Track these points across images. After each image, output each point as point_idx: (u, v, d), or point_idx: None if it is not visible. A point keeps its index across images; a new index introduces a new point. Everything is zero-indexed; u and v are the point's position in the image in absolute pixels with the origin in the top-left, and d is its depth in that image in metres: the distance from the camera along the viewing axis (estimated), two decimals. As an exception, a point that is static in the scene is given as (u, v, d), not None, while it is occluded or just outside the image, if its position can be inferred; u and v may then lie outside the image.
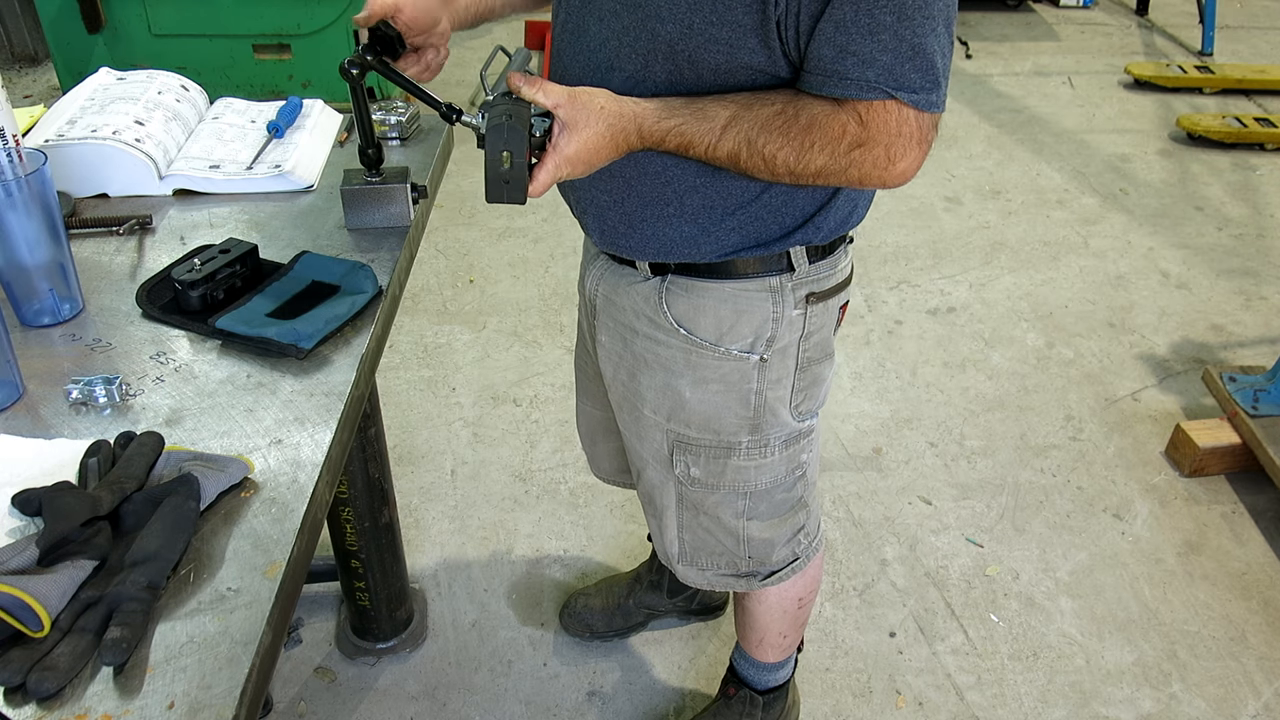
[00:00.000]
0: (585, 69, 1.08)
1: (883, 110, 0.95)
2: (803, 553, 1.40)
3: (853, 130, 0.96)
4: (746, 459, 1.26)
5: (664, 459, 1.30)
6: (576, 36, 1.10)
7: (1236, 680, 1.84)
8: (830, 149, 0.97)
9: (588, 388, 1.52)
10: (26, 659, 0.71)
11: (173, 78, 1.51)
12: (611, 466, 1.59)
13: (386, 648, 1.84)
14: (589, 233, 1.22)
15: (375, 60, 1.08)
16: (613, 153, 1.01)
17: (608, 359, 1.31)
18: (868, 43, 0.91)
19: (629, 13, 1.00)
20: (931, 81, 0.95)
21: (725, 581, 1.41)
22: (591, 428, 1.57)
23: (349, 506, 1.62)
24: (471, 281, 2.95)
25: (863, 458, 2.33)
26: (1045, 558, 2.08)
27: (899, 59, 0.92)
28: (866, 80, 0.93)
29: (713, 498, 1.30)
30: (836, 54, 0.93)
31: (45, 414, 0.96)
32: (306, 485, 0.89)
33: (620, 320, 1.25)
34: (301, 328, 1.05)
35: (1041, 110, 4.16)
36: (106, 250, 1.24)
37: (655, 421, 1.27)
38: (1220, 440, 2.25)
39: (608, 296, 1.25)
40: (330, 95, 1.68)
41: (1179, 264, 3.12)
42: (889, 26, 0.91)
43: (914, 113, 0.95)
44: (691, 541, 1.36)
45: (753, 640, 1.58)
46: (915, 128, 0.96)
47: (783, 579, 1.40)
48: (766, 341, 1.18)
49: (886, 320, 2.82)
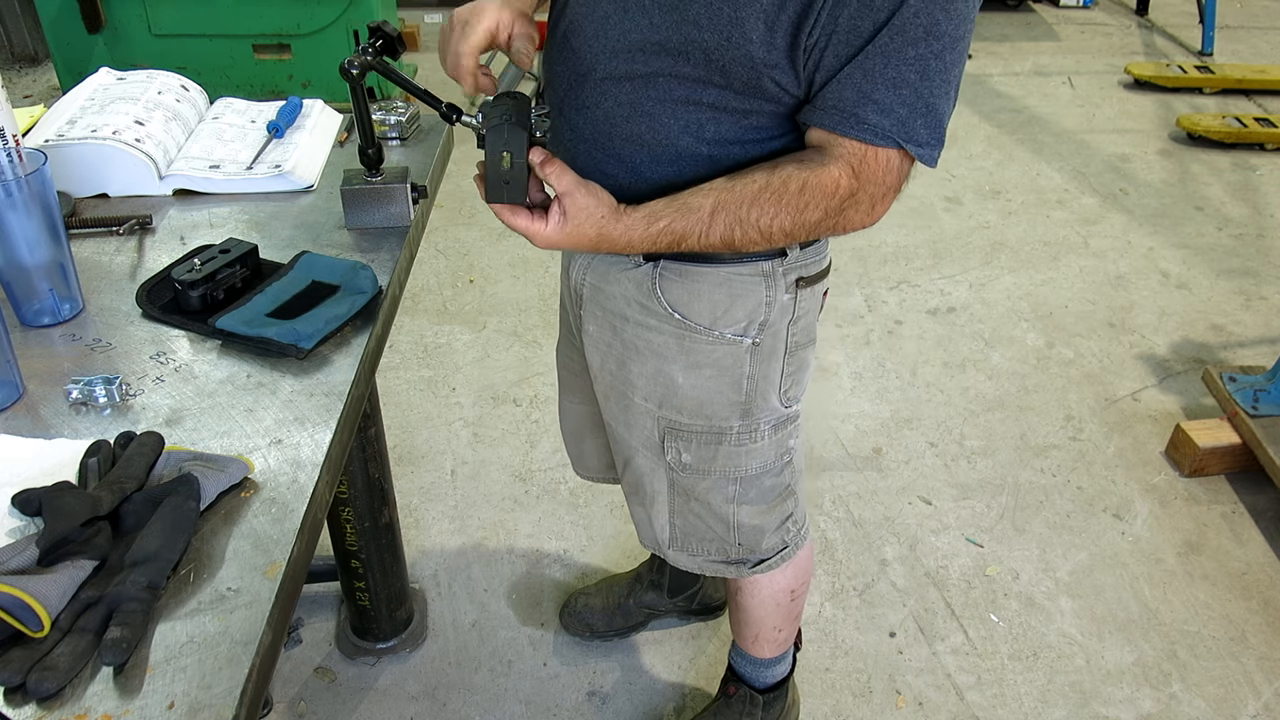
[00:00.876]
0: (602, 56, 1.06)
1: (875, 159, 1.00)
2: (791, 540, 1.41)
3: (845, 183, 1.01)
4: (737, 444, 1.27)
5: (654, 446, 1.30)
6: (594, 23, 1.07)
7: (1236, 680, 1.84)
8: (824, 204, 1.02)
9: (572, 384, 1.51)
10: (26, 659, 0.71)
11: (173, 78, 1.51)
12: (599, 464, 1.59)
13: (386, 648, 1.84)
14: None
15: (375, 60, 1.08)
16: (594, 249, 1.09)
17: (595, 348, 1.30)
18: (890, 95, 0.96)
19: (661, 12, 1.00)
20: (937, 138, 1.00)
21: (715, 567, 1.41)
22: (578, 424, 1.56)
23: (349, 506, 1.62)
24: (471, 281, 2.95)
25: (863, 458, 2.33)
26: (1045, 558, 2.08)
27: (914, 114, 0.97)
28: (881, 128, 0.97)
29: (704, 483, 1.31)
30: (858, 99, 0.97)
31: (45, 414, 0.96)
32: (306, 485, 0.89)
33: (609, 308, 1.25)
34: (301, 328, 1.05)
35: (1041, 110, 4.16)
36: (106, 250, 1.24)
37: (646, 409, 1.28)
38: (1220, 440, 2.25)
39: (596, 285, 1.25)
40: (330, 95, 1.69)
41: (1179, 264, 3.12)
42: (912, 84, 0.96)
43: (899, 164, 1.01)
44: (683, 527, 1.37)
45: (748, 636, 1.58)
46: (896, 179, 1.02)
47: (772, 567, 1.41)
48: (759, 325, 1.19)
49: (886, 320, 2.82)
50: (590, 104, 1.09)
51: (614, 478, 1.58)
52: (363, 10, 3.59)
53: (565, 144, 1.15)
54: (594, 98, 1.08)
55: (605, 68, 1.06)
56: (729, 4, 0.95)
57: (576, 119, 1.12)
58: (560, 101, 1.14)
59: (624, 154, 1.09)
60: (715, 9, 0.96)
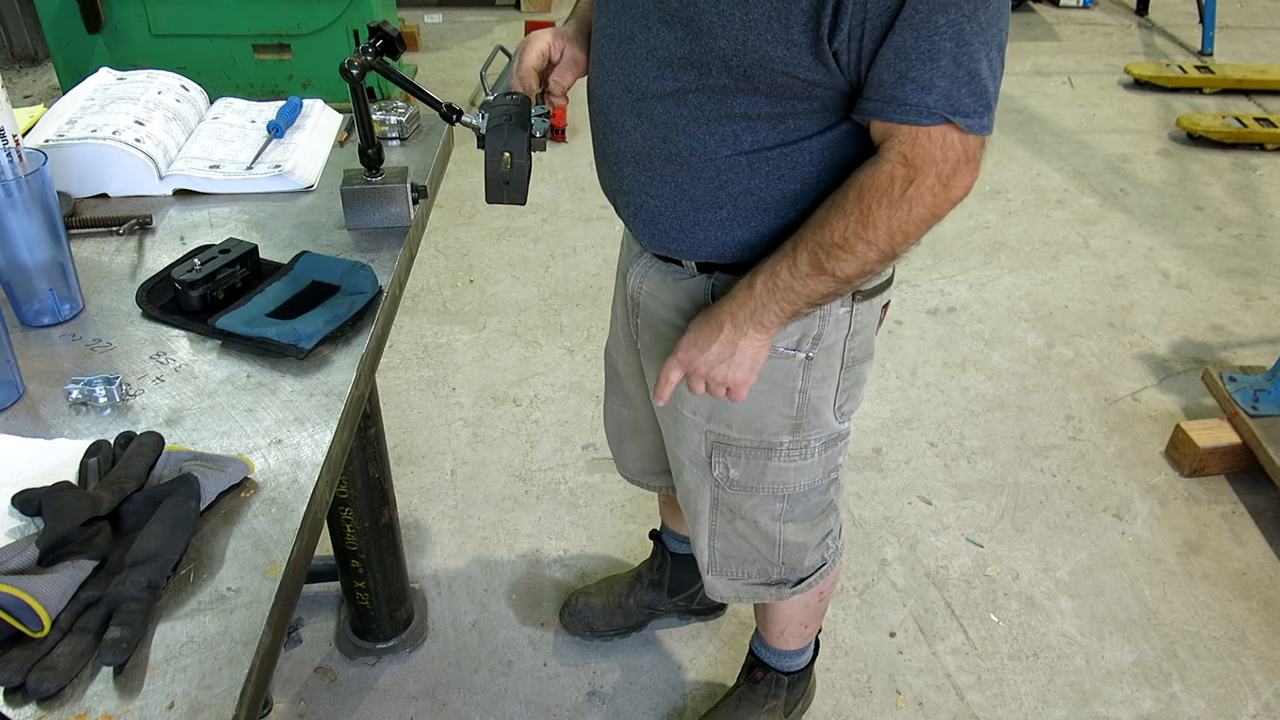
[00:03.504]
0: (633, 76, 1.06)
1: (927, 139, 0.95)
2: (830, 557, 1.41)
3: (900, 173, 0.97)
4: (787, 460, 1.25)
5: (702, 461, 1.29)
6: (613, 41, 1.08)
7: (1236, 680, 1.84)
8: (888, 199, 0.98)
9: (616, 386, 1.51)
10: (26, 659, 0.71)
11: (173, 78, 1.51)
12: (638, 467, 1.59)
13: (386, 648, 1.84)
14: (638, 236, 1.20)
15: (375, 60, 1.08)
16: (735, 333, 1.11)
17: (649, 357, 1.30)
18: (927, 69, 0.91)
19: (681, 25, 1.00)
20: (984, 105, 0.95)
21: (755, 592, 1.41)
22: (619, 426, 1.56)
23: (349, 506, 1.62)
24: (471, 281, 2.95)
25: (863, 458, 2.33)
26: (1045, 558, 2.08)
27: (956, 84, 0.92)
28: (926, 106, 0.93)
29: (751, 500, 1.29)
30: (896, 80, 0.93)
31: (45, 414, 0.96)
32: (306, 485, 0.89)
33: (663, 318, 1.24)
34: (301, 328, 1.05)
35: (1041, 110, 4.16)
36: (106, 250, 1.24)
37: (694, 422, 1.27)
38: (1220, 440, 2.25)
39: (652, 294, 1.24)
40: (330, 95, 1.69)
41: (1179, 264, 3.12)
42: (948, 52, 0.91)
43: (959, 136, 0.95)
44: (723, 549, 1.36)
45: (774, 632, 1.59)
46: (961, 150, 0.96)
47: (811, 585, 1.41)
48: (813, 339, 1.17)
49: (887, 320, 2.81)
50: (628, 127, 1.09)
51: (653, 483, 1.59)
52: (363, 10, 3.59)
53: (612, 167, 1.15)
54: (631, 120, 1.08)
55: (637, 88, 1.06)
56: (739, 7, 0.93)
57: (618, 142, 1.12)
58: (603, 126, 1.14)
59: (665, 173, 1.09)
60: (726, 14, 0.94)
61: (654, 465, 1.56)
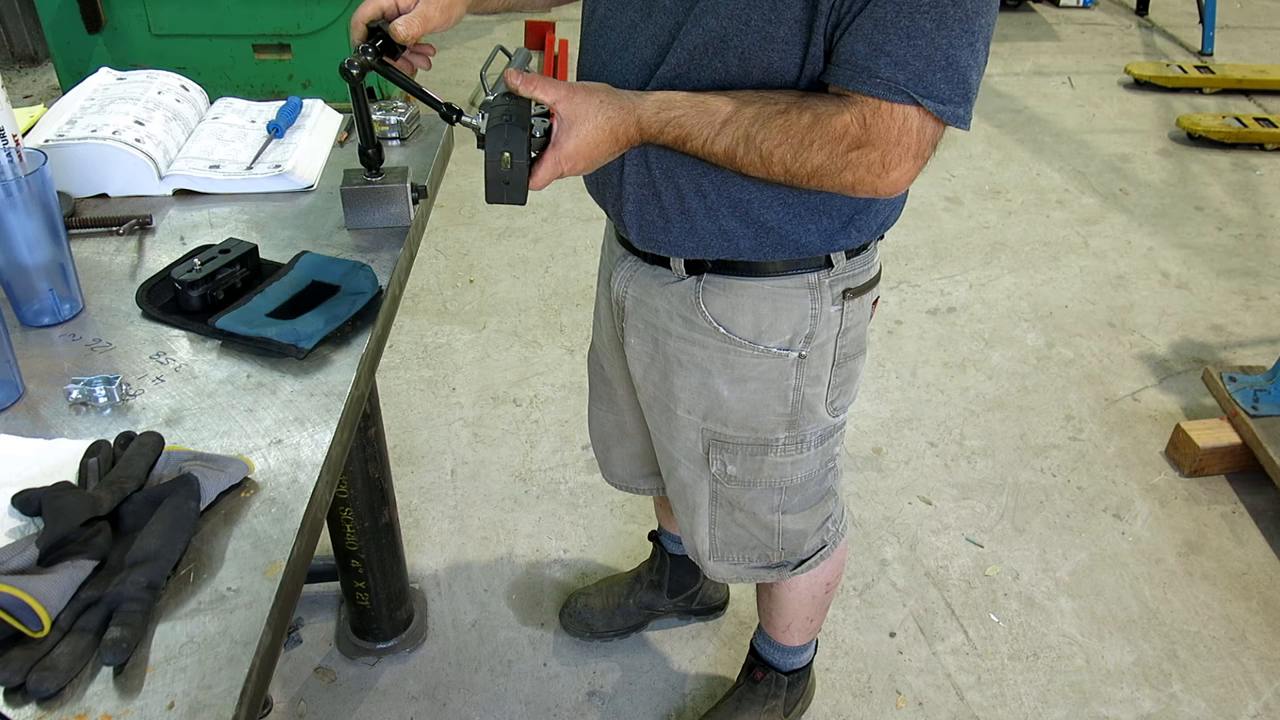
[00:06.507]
0: (626, 65, 1.06)
1: (889, 115, 0.93)
2: (830, 539, 1.41)
3: (854, 131, 0.95)
4: (784, 455, 1.26)
5: (698, 458, 1.30)
6: (613, 32, 1.08)
7: (1236, 680, 1.84)
8: (829, 148, 0.96)
9: (601, 392, 1.50)
10: (26, 659, 0.71)
11: (173, 78, 1.51)
12: (626, 472, 1.58)
13: (386, 648, 1.84)
14: (626, 230, 1.18)
15: (375, 60, 1.08)
16: (613, 146, 1.00)
17: (638, 361, 1.30)
18: (903, 45, 0.90)
19: (676, 6, 0.99)
20: (961, 95, 0.93)
21: (756, 574, 1.41)
22: (604, 433, 1.56)
23: (349, 506, 1.62)
24: (471, 281, 2.95)
25: (863, 458, 2.33)
26: (1045, 558, 2.08)
27: (931, 66, 0.91)
28: (895, 82, 0.91)
29: (749, 494, 1.30)
30: (870, 51, 0.91)
31: (45, 414, 0.96)
32: (306, 485, 0.89)
33: (652, 321, 1.24)
34: (301, 328, 1.05)
35: (1041, 110, 4.16)
36: (106, 250, 1.24)
37: (690, 421, 1.27)
38: (1220, 440, 2.25)
39: (638, 298, 1.24)
40: (330, 95, 1.68)
41: (1179, 264, 3.12)
42: (927, 33, 0.89)
43: (918, 123, 0.94)
44: (723, 538, 1.37)
45: (779, 625, 1.59)
46: (915, 140, 0.95)
47: (811, 567, 1.42)
48: (805, 338, 1.18)
49: (886, 320, 2.82)
50: None
51: (641, 487, 1.59)
52: (363, 10, 3.58)
53: (613, 168, 1.14)
54: None
55: (635, 79, 1.05)
56: None
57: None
58: None
59: (659, 166, 1.08)
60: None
61: (642, 469, 1.55)
